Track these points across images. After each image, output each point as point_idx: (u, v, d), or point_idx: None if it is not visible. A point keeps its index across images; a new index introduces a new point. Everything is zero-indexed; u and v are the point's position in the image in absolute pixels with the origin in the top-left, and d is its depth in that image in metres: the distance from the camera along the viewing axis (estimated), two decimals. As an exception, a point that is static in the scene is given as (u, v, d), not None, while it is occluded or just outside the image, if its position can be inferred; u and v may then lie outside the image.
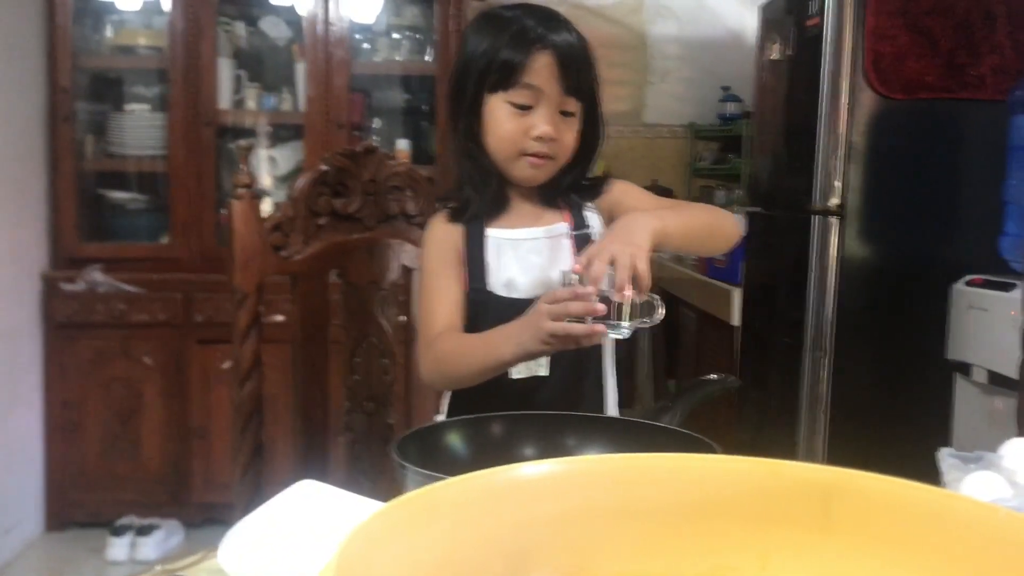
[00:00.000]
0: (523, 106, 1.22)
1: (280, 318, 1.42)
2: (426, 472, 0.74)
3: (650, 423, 0.97)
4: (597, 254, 1.07)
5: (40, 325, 3.06)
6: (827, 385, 2.45)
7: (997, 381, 2.09)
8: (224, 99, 3.20)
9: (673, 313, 3.58)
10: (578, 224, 1.29)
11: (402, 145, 3.33)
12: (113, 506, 3.06)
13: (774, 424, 2.70)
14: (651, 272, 1.07)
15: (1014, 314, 1.99)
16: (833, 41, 2.39)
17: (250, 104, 3.26)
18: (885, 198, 2.44)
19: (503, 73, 1.22)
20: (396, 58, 3.36)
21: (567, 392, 1.24)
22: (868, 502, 0.45)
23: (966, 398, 2.26)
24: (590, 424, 0.97)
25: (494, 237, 1.28)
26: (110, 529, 2.95)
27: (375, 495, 0.76)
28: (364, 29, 3.32)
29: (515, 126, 1.23)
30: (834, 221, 2.42)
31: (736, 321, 2.99)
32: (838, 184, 2.41)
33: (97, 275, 3.05)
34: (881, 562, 0.44)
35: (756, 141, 3.14)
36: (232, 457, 1.35)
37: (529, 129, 1.22)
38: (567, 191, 1.31)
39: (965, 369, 2.24)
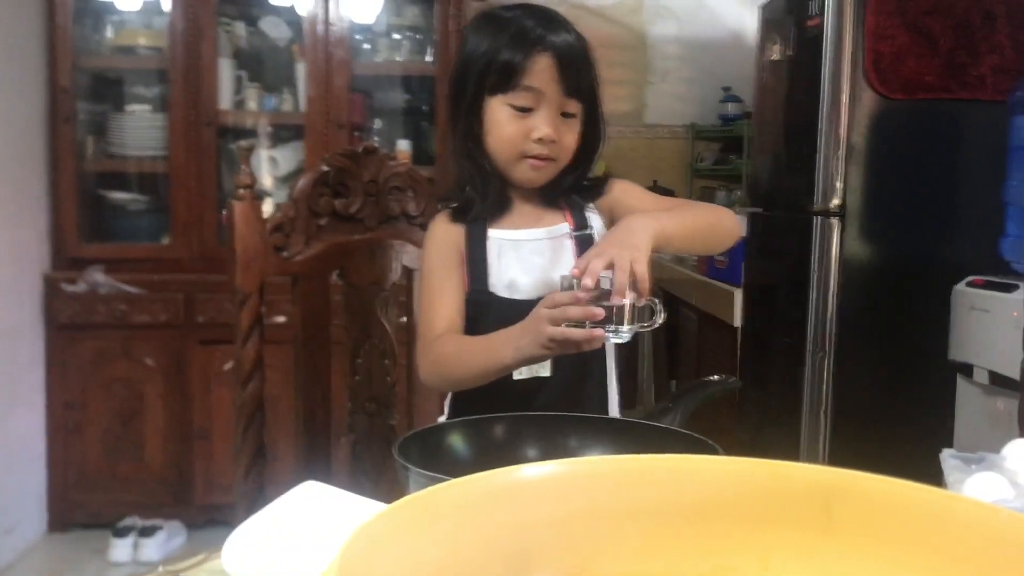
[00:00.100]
0: (523, 108, 1.22)
1: (282, 319, 1.42)
2: (428, 473, 0.74)
3: (651, 424, 0.97)
4: (595, 256, 1.07)
5: (41, 326, 3.06)
6: (828, 386, 2.45)
7: (999, 382, 2.09)
8: (225, 99, 3.20)
9: (674, 314, 3.58)
10: (580, 225, 1.29)
11: (403, 145, 3.33)
12: (115, 507, 3.06)
13: (775, 425, 2.70)
14: (651, 274, 1.07)
15: (1016, 315, 1.99)
16: (833, 41, 2.39)
17: (251, 104, 3.26)
18: (886, 198, 2.44)
19: (503, 75, 1.21)
20: (396, 58, 3.36)
21: (569, 393, 1.24)
22: (870, 503, 0.45)
23: (968, 399, 2.26)
24: (592, 425, 0.97)
25: (495, 238, 1.28)
26: (112, 530, 2.95)
27: (377, 496, 0.76)
28: (364, 29, 3.32)
29: (516, 128, 1.23)
30: (835, 222, 2.42)
31: (737, 322, 2.99)
32: (839, 184, 2.41)
33: (98, 276, 3.05)
34: (883, 563, 0.44)
35: (757, 141, 3.14)
36: (234, 458, 1.35)
37: (530, 131, 1.22)
38: (568, 192, 1.31)
39: (967, 370, 2.24)
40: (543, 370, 1.22)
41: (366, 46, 3.34)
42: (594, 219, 1.31)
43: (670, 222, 1.17)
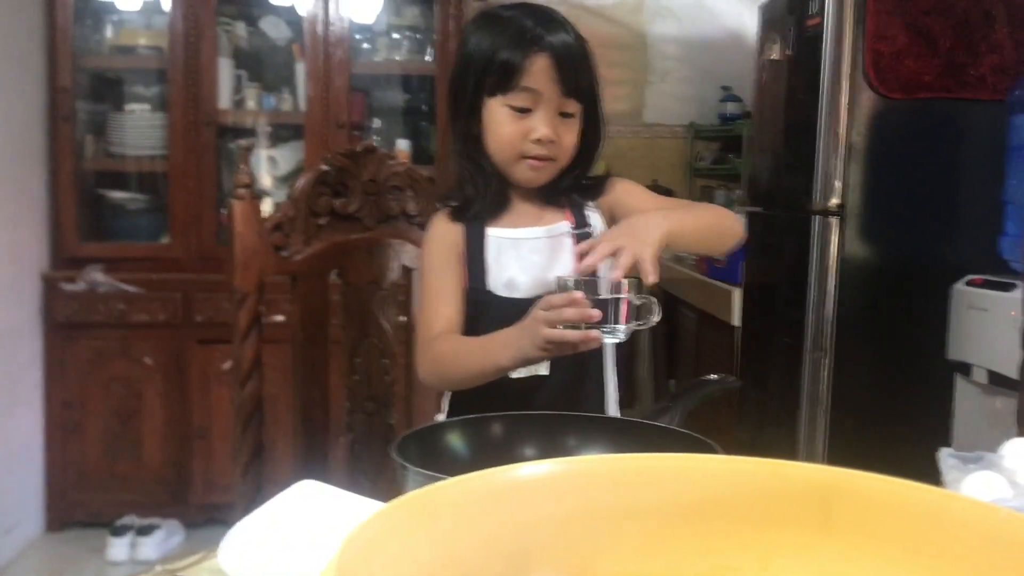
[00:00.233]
0: (522, 109, 1.22)
1: (280, 318, 1.42)
2: (426, 472, 0.74)
3: (650, 423, 0.97)
4: (604, 241, 1.06)
5: (40, 325, 3.06)
6: (827, 385, 2.45)
7: (997, 381, 2.09)
8: (224, 99, 3.20)
9: (673, 313, 3.58)
10: (580, 223, 1.29)
11: (402, 145, 3.33)
12: (113, 506, 3.06)
13: (774, 424, 2.70)
14: (660, 270, 1.07)
15: (1014, 314, 1.99)
16: (833, 41, 2.39)
17: (250, 104, 3.26)
18: (885, 198, 2.44)
19: (501, 76, 1.21)
20: (396, 58, 3.36)
21: (568, 392, 1.24)
22: (868, 502, 0.45)
23: (966, 398, 2.26)
24: (590, 424, 0.97)
25: (494, 237, 1.27)
26: (110, 529, 2.95)
27: (375, 495, 0.76)
28: (364, 29, 3.32)
29: (514, 129, 1.23)
30: (834, 221, 2.42)
31: (736, 321, 2.99)
32: (838, 184, 2.41)
33: (97, 275, 3.05)
34: (882, 562, 0.44)
35: (756, 141, 3.14)
36: (232, 457, 1.35)
37: (528, 132, 1.22)
38: (569, 191, 1.30)
39: (965, 369, 2.24)
40: (541, 369, 1.22)
41: (366, 46, 3.34)
42: (594, 218, 1.31)
43: (679, 220, 1.17)
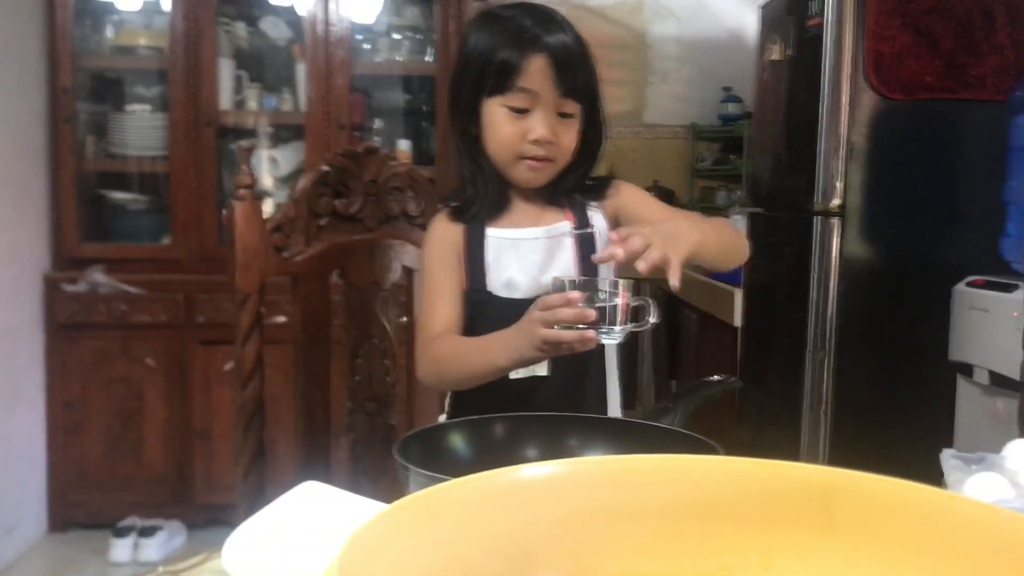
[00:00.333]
0: (520, 109, 1.22)
1: (282, 319, 1.42)
2: (428, 473, 0.74)
3: (652, 424, 0.97)
4: (638, 235, 1.05)
5: (41, 325, 3.06)
6: (829, 386, 2.45)
7: (999, 382, 2.09)
8: (225, 100, 3.20)
9: (674, 314, 3.58)
10: (581, 223, 1.29)
11: (403, 145, 3.33)
12: (115, 507, 3.06)
13: (776, 425, 2.70)
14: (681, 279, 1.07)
15: (1016, 315, 1.99)
16: (833, 41, 2.39)
17: (251, 104, 3.26)
18: (886, 198, 2.44)
19: (499, 77, 1.21)
20: (397, 58, 3.36)
21: (567, 392, 1.24)
22: (870, 503, 0.45)
23: (968, 399, 2.26)
24: (592, 425, 0.97)
25: (494, 237, 1.27)
26: (113, 530, 2.95)
27: (377, 496, 0.76)
28: (364, 29, 3.32)
29: (512, 130, 1.22)
30: (835, 222, 2.42)
31: (738, 322, 2.99)
32: (839, 184, 2.41)
33: (98, 276, 3.05)
34: (883, 563, 0.44)
35: (757, 141, 3.14)
36: (234, 458, 1.35)
37: (526, 133, 1.22)
38: (571, 191, 1.30)
39: (967, 370, 2.24)
40: (541, 369, 1.22)
41: (366, 46, 3.34)
42: (596, 218, 1.30)
43: (706, 233, 1.17)
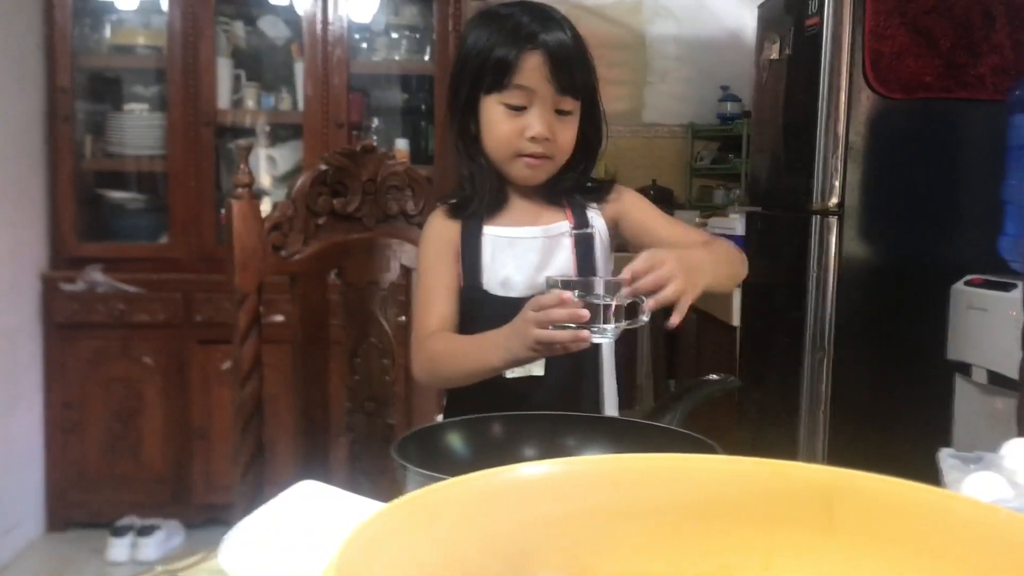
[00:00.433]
0: (517, 107, 1.22)
1: (280, 318, 1.42)
2: (427, 472, 0.74)
3: (650, 423, 0.97)
4: (663, 263, 1.06)
5: (40, 325, 3.06)
6: (827, 385, 2.45)
7: (997, 381, 2.09)
8: (223, 99, 3.20)
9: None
10: (580, 223, 1.29)
11: (401, 144, 3.33)
12: (114, 506, 3.05)
13: (774, 424, 2.70)
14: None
15: (1014, 314, 1.99)
16: (832, 41, 2.39)
17: (249, 104, 3.26)
18: (884, 198, 2.44)
19: (496, 75, 1.21)
20: (395, 57, 3.36)
21: (563, 392, 1.24)
22: (869, 503, 0.45)
23: (966, 398, 2.26)
24: (590, 424, 0.97)
25: (490, 235, 1.27)
26: (111, 530, 2.95)
27: (376, 495, 0.76)
28: (362, 28, 3.32)
29: (510, 127, 1.22)
30: (833, 221, 2.42)
31: (736, 321, 2.99)
32: (837, 184, 2.41)
33: (97, 275, 3.05)
34: (883, 562, 0.44)
35: (755, 141, 3.14)
36: (233, 458, 1.35)
37: (523, 130, 1.22)
38: (571, 191, 1.30)
39: (965, 369, 2.24)
40: (535, 369, 1.22)
41: (364, 45, 3.34)
42: (596, 219, 1.30)
43: (717, 268, 1.19)
